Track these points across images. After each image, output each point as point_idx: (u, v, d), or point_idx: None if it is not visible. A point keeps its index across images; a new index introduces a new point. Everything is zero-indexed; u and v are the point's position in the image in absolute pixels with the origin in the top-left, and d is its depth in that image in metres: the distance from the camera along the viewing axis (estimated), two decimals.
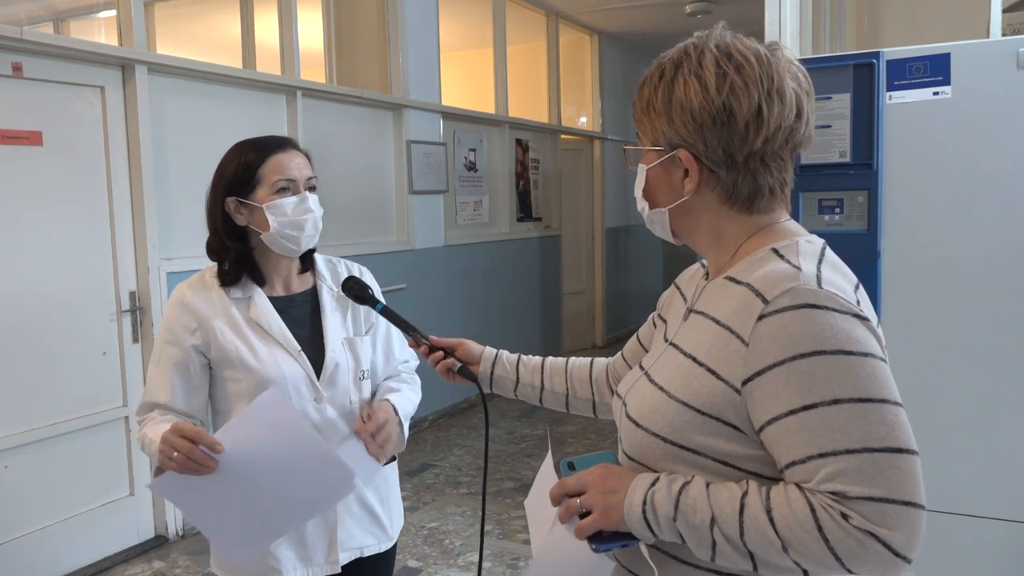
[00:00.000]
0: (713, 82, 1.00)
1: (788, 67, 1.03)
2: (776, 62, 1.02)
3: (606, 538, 1.00)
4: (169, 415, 1.60)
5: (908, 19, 3.35)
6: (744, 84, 0.99)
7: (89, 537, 3.56)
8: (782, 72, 1.02)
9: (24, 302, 3.30)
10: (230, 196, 1.63)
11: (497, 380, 1.47)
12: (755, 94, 0.99)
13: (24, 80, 3.27)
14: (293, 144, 1.68)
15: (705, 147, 1.02)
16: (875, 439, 0.88)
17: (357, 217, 5.13)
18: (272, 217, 1.60)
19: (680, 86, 1.02)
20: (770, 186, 1.04)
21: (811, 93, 1.05)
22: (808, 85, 1.05)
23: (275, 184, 1.61)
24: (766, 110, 1.00)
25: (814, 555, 0.89)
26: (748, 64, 1.00)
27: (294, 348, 1.64)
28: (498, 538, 3.83)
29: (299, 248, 1.66)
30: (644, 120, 1.08)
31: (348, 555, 1.70)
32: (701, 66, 1.01)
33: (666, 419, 1.01)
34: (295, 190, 1.63)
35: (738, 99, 0.99)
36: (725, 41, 1.03)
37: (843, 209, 2.41)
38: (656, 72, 1.06)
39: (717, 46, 1.02)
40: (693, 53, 1.03)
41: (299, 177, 1.64)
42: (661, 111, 1.04)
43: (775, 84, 1.00)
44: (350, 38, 5.59)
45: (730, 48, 1.02)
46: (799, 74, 1.04)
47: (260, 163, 1.62)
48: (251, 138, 1.69)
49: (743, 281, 1.00)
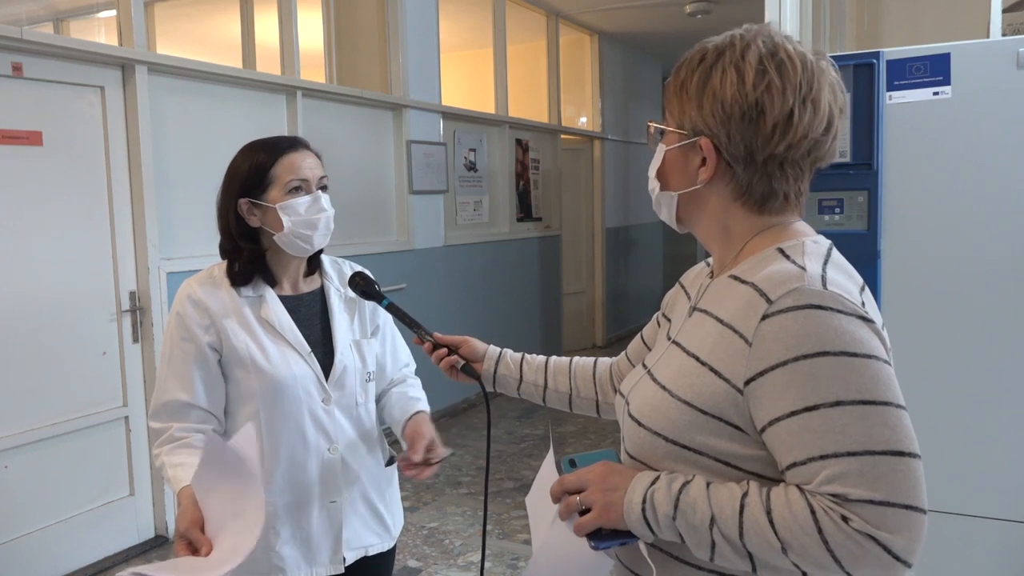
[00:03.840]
0: (751, 77, 0.99)
1: (829, 80, 1.02)
2: (820, 72, 1.01)
3: (605, 536, 1.00)
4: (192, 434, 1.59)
5: (908, 19, 3.35)
6: (782, 86, 0.98)
7: (89, 537, 3.56)
8: (822, 83, 1.00)
9: (24, 302, 3.30)
10: (242, 198, 1.62)
11: (500, 379, 1.47)
12: (790, 98, 0.98)
13: (24, 80, 3.27)
14: (304, 144, 1.68)
15: (728, 140, 1.01)
16: (877, 442, 0.88)
17: (357, 217, 5.12)
18: (286, 217, 1.60)
19: (718, 74, 1.01)
20: (784, 192, 1.03)
21: (844, 111, 1.04)
22: (843, 102, 1.04)
23: (288, 184, 1.61)
24: (797, 116, 0.98)
25: (813, 557, 0.89)
26: (792, 66, 0.99)
27: (304, 349, 1.64)
28: (498, 538, 3.83)
29: (312, 248, 1.66)
30: (674, 101, 1.07)
31: (354, 554, 1.70)
32: (743, 59, 1.00)
33: (668, 418, 1.01)
34: (308, 190, 1.63)
35: (772, 99, 0.98)
36: (774, 39, 1.01)
37: (843, 209, 2.41)
38: (697, 55, 1.05)
39: (764, 42, 1.01)
40: (738, 44, 1.01)
41: (311, 177, 1.64)
42: (693, 95, 1.03)
43: (812, 92, 0.99)
44: (350, 38, 5.59)
45: (778, 48, 1.00)
46: (837, 89, 1.03)
47: (272, 163, 1.61)
48: (262, 139, 1.68)
49: (748, 280, 0.99)
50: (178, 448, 1.57)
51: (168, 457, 1.56)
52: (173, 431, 1.59)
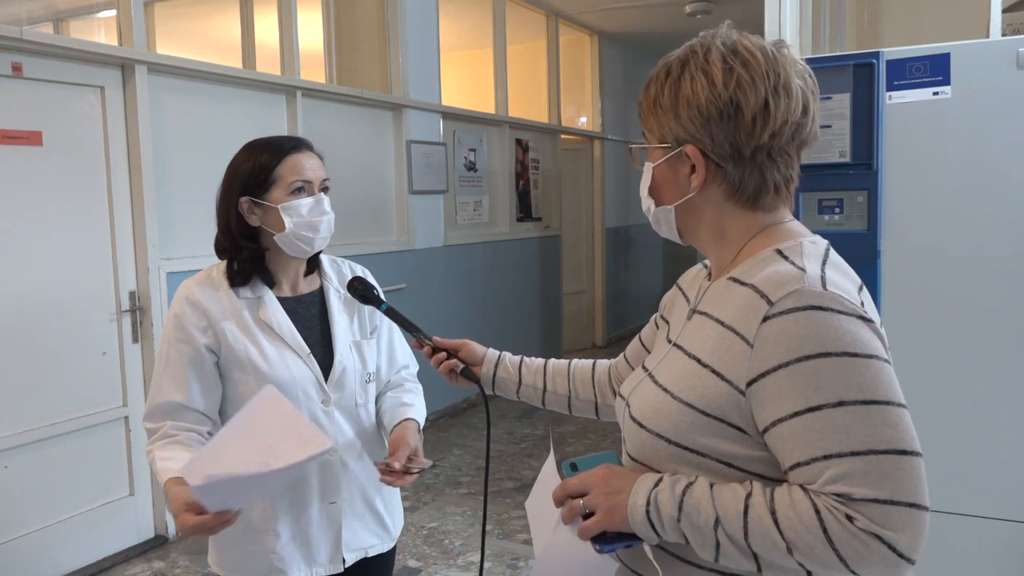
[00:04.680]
0: (720, 77, 1.00)
1: (794, 65, 1.04)
2: (783, 59, 1.02)
3: (610, 539, 1.00)
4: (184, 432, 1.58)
5: (908, 19, 3.35)
6: (751, 78, 1.00)
7: (89, 537, 3.56)
8: (788, 69, 1.02)
9: (24, 302, 3.30)
10: (244, 196, 1.62)
11: (499, 382, 1.47)
12: (762, 88, 1.00)
13: (24, 80, 3.27)
14: (308, 145, 1.68)
15: (712, 142, 1.02)
16: (880, 441, 0.88)
17: (357, 217, 5.12)
18: (287, 218, 1.59)
19: (687, 82, 1.02)
20: (775, 182, 1.04)
21: (816, 93, 1.06)
22: (814, 85, 1.06)
23: (291, 185, 1.60)
24: (773, 104, 1.00)
25: (818, 557, 0.89)
26: (755, 59, 1.01)
27: (303, 351, 1.64)
28: (498, 538, 3.83)
29: (312, 249, 1.65)
30: (650, 118, 1.08)
31: (354, 556, 1.70)
32: (708, 62, 1.02)
33: (670, 420, 1.01)
34: (310, 191, 1.62)
35: (745, 93, 1.00)
36: (731, 38, 1.03)
37: (843, 209, 2.41)
38: (663, 71, 1.06)
39: (723, 43, 1.03)
40: (700, 51, 1.03)
41: (314, 178, 1.63)
42: (668, 108, 1.04)
43: (781, 79, 1.01)
44: (350, 38, 5.59)
45: (736, 45, 1.02)
46: (805, 73, 1.05)
47: (276, 163, 1.61)
48: (265, 138, 1.67)
49: (747, 282, 1.00)
50: (170, 444, 1.56)
51: (159, 451, 1.55)
52: (166, 428, 1.58)
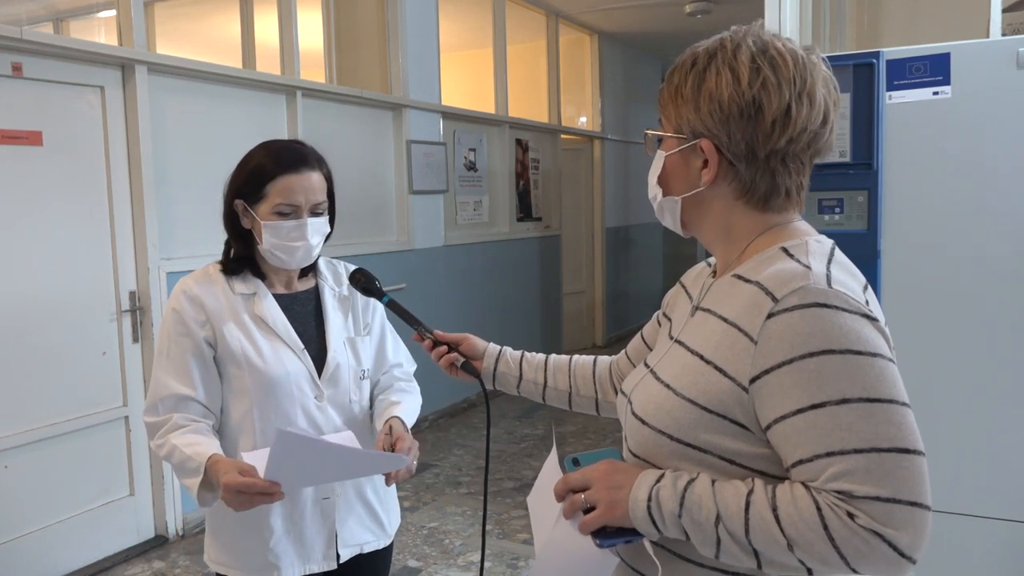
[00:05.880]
0: (746, 75, 1.00)
1: (822, 74, 1.03)
2: (812, 66, 1.02)
3: (610, 534, 1.00)
4: (194, 423, 1.58)
5: (908, 19, 3.35)
6: (777, 81, 0.99)
7: (89, 537, 3.56)
8: (815, 77, 1.02)
9: (24, 302, 3.30)
10: (238, 198, 1.64)
11: (500, 376, 1.47)
12: (786, 93, 0.99)
13: (24, 80, 3.27)
14: (312, 164, 1.64)
15: (728, 139, 1.02)
16: (883, 439, 0.88)
17: (357, 217, 5.12)
18: (267, 235, 1.61)
19: (712, 76, 1.02)
20: (787, 187, 1.04)
21: (838, 104, 1.05)
22: (837, 96, 1.05)
23: (276, 206, 1.60)
24: (795, 110, 1.00)
25: (819, 554, 0.89)
26: (783, 62, 1.00)
27: (297, 346, 1.66)
28: (498, 538, 3.83)
29: (290, 267, 1.67)
30: (670, 106, 1.07)
31: (349, 552, 1.71)
32: (736, 58, 1.01)
33: (672, 417, 1.01)
34: (297, 215, 1.62)
35: (769, 95, 0.99)
36: (763, 38, 1.03)
37: (843, 209, 2.41)
38: (688, 60, 1.06)
39: (754, 41, 1.02)
40: (729, 45, 1.03)
41: (303, 203, 1.61)
42: (689, 98, 1.04)
43: (807, 86, 1.00)
44: (350, 38, 5.59)
45: (767, 45, 1.02)
46: (830, 83, 1.04)
47: (270, 179, 1.60)
48: (280, 142, 1.67)
49: (752, 279, 1.00)
50: (187, 432, 1.55)
51: (178, 439, 1.53)
52: (176, 419, 1.57)
